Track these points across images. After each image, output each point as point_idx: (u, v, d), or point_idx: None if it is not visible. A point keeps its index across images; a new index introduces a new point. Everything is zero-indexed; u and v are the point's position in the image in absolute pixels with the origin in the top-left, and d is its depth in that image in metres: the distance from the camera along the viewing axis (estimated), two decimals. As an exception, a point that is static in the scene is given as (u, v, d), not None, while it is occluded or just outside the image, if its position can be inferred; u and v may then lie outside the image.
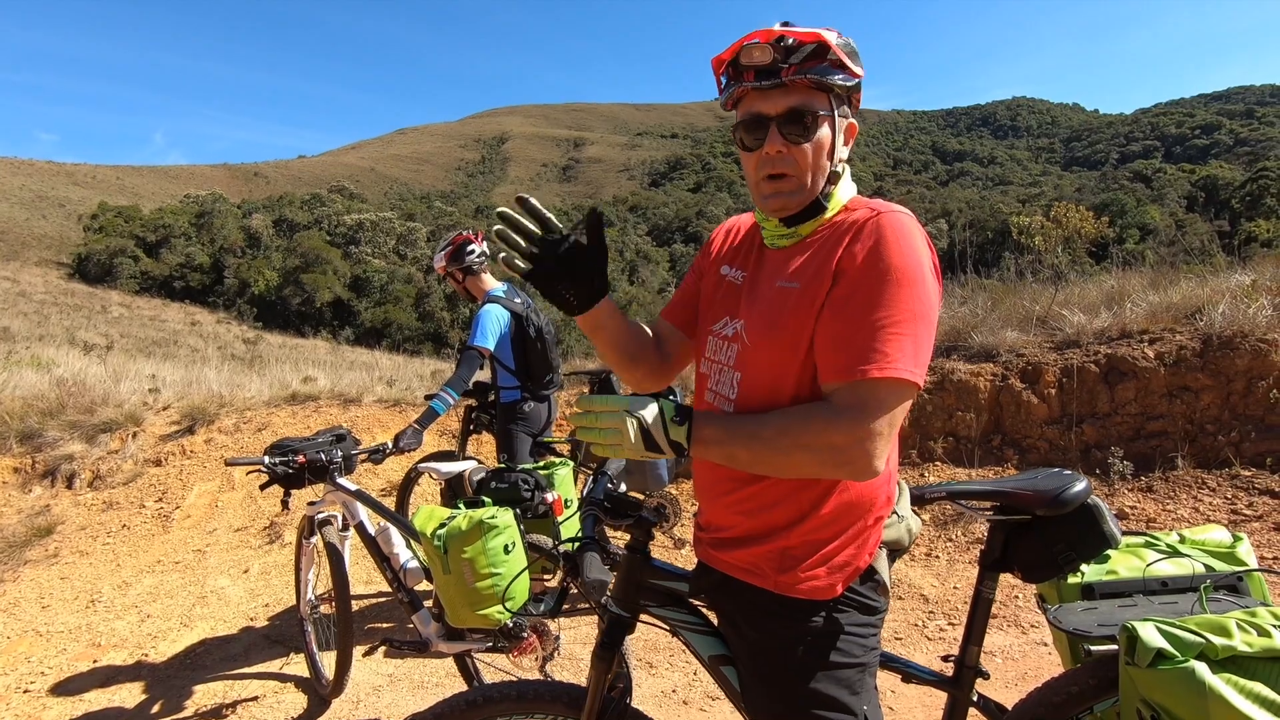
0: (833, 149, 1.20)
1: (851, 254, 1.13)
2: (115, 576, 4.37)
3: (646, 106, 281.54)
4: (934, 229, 55.21)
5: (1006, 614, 3.27)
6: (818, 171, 1.19)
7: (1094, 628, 1.33)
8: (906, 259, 1.09)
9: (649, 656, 3.12)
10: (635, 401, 1.14)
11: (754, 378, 1.23)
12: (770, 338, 1.19)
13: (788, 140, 1.16)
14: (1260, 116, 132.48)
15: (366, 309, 43.98)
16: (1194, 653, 1.10)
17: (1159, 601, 1.39)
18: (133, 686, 3.13)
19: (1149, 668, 1.12)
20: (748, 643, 1.26)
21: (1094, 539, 1.34)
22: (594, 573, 1.24)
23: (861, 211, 1.19)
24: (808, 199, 1.20)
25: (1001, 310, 5.39)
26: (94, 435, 5.83)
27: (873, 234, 1.13)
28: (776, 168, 1.18)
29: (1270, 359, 4.16)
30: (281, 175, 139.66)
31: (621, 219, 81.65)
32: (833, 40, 1.14)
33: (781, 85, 1.14)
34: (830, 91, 1.17)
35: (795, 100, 1.15)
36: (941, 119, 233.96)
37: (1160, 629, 1.14)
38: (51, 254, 50.03)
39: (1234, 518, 3.75)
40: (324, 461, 2.65)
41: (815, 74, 1.13)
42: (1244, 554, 1.47)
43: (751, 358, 1.23)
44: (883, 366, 1.06)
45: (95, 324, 27.93)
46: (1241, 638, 1.10)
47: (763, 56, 1.13)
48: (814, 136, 1.16)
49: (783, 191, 1.19)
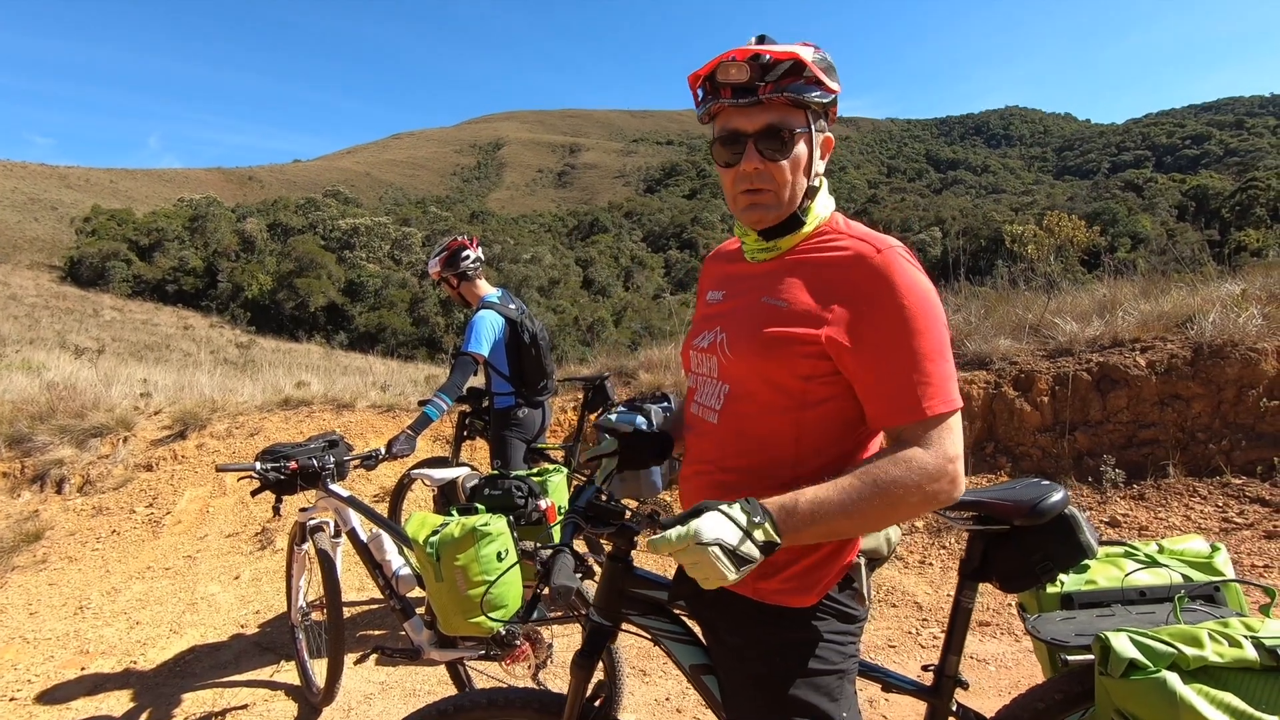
0: (809, 164, 1.22)
1: (864, 295, 1.14)
2: (104, 583, 4.33)
3: (642, 113, 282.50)
4: (928, 236, 55.55)
5: (1000, 622, 3.27)
6: (795, 187, 1.21)
7: (1071, 637, 1.35)
8: (925, 298, 1.13)
9: (643, 664, 3.11)
10: (706, 526, 1.04)
11: (738, 389, 1.25)
12: (753, 351, 1.21)
13: (765, 157, 1.18)
14: (1250, 127, 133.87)
15: (361, 314, 43.86)
16: (1166, 663, 1.11)
17: (1137, 611, 1.41)
18: (121, 694, 3.10)
19: (1122, 678, 1.13)
20: (727, 648, 1.27)
21: (1070, 549, 1.35)
22: (561, 578, 1.23)
23: (852, 242, 1.19)
24: (785, 213, 1.23)
25: (995, 318, 5.41)
26: (84, 440, 5.79)
27: (883, 275, 1.14)
28: (754, 183, 1.20)
29: (1260, 368, 4.19)
30: (276, 179, 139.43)
31: (617, 225, 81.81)
32: (808, 57, 1.15)
33: (759, 102, 1.15)
34: (807, 108, 1.18)
35: (772, 117, 1.17)
36: (935, 127, 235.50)
37: (1133, 639, 1.15)
38: (43, 257, 49.75)
39: (1225, 525, 3.77)
40: (316, 467, 2.64)
41: (791, 91, 1.15)
42: (1221, 564, 1.48)
43: (735, 370, 1.25)
44: (944, 400, 1.11)
45: (87, 327, 27.77)
46: (1213, 648, 1.11)
47: (739, 74, 1.14)
48: (791, 153, 1.18)
49: (760, 204, 1.21)
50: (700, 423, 1.33)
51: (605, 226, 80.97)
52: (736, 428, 1.26)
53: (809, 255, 1.23)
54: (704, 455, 1.32)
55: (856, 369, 1.14)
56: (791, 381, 1.19)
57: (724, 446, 1.28)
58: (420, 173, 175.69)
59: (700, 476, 1.32)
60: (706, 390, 1.32)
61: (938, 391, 1.10)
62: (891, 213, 71.92)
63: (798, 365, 1.18)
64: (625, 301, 50.95)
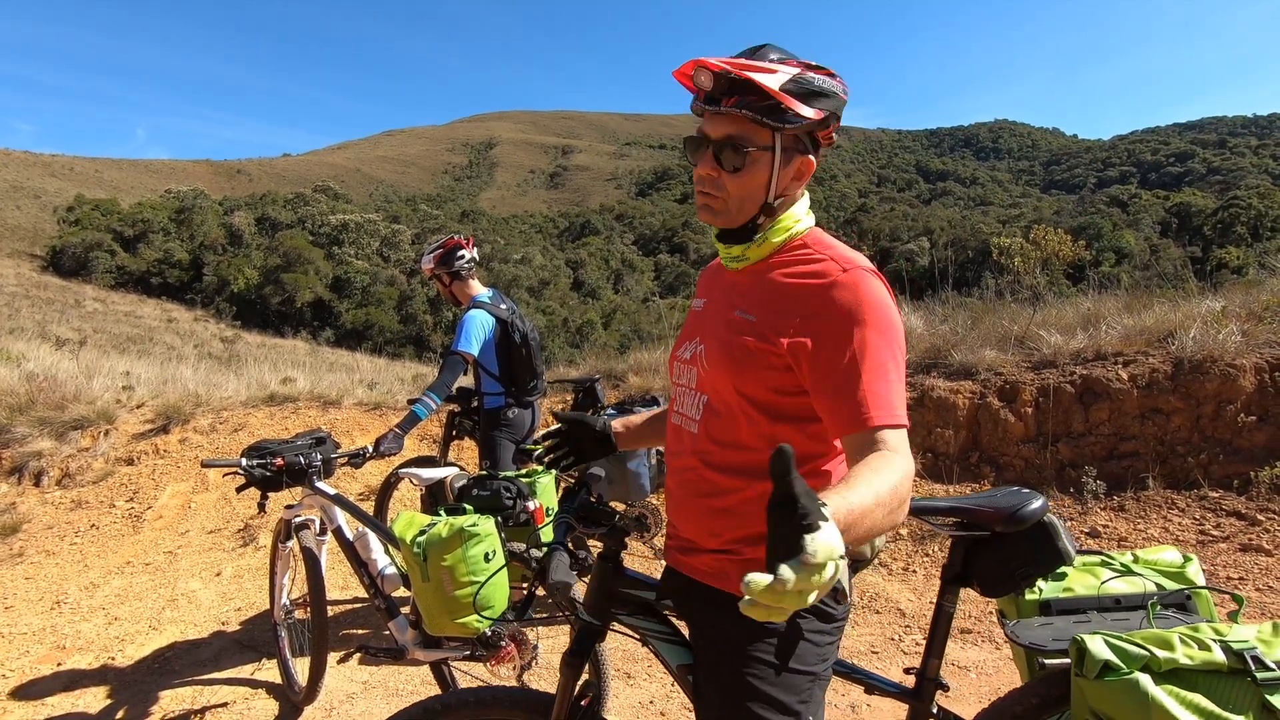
0: (770, 184, 1.21)
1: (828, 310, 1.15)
2: (82, 577, 4.27)
3: (635, 116, 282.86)
4: (916, 247, 56.00)
5: (981, 630, 3.30)
6: (745, 201, 1.23)
7: (1049, 642, 1.39)
8: (888, 315, 1.15)
9: (627, 667, 3.11)
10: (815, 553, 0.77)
11: (715, 400, 1.28)
12: (725, 363, 1.24)
13: (720, 165, 1.21)
14: (1232, 147, 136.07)
15: (348, 310, 43.54)
16: (1139, 665, 1.15)
17: (1112, 618, 1.45)
18: (98, 691, 3.06)
19: (1096, 679, 1.17)
20: (705, 639, 1.29)
21: (1049, 555, 1.39)
22: (559, 574, 1.27)
23: (823, 259, 1.21)
24: (733, 223, 1.26)
25: (981, 329, 5.47)
26: (64, 432, 5.71)
27: (849, 289, 1.15)
28: (704, 187, 1.24)
29: (1238, 383, 4.27)
30: (265, 173, 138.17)
31: (608, 227, 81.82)
32: (775, 84, 1.13)
33: (721, 113, 1.18)
34: (774, 130, 1.17)
35: (733, 129, 1.19)
36: (925, 139, 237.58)
37: (1108, 642, 1.19)
38: (25, 245, 48.96)
39: (1202, 538, 3.83)
40: (303, 465, 2.62)
41: (750, 110, 1.15)
42: (1193, 574, 1.52)
43: (711, 381, 1.28)
44: (903, 411, 1.11)
45: (68, 318, 27.35)
46: (1184, 651, 1.15)
47: (706, 83, 1.17)
48: (744, 168, 1.19)
49: (709, 208, 1.26)
50: (682, 433, 1.36)
51: (596, 229, 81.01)
52: (714, 438, 1.28)
53: (779, 269, 1.25)
54: (686, 465, 1.34)
55: (818, 378, 1.14)
56: (763, 394, 1.21)
57: (704, 457, 1.30)
58: (411, 170, 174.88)
59: (684, 487, 1.35)
60: (686, 401, 1.35)
61: (900, 402, 1.11)
62: (881, 222, 72.43)
63: (766, 377, 1.20)
64: (615, 304, 50.95)
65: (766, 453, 1.21)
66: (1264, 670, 1.11)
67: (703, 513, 1.31)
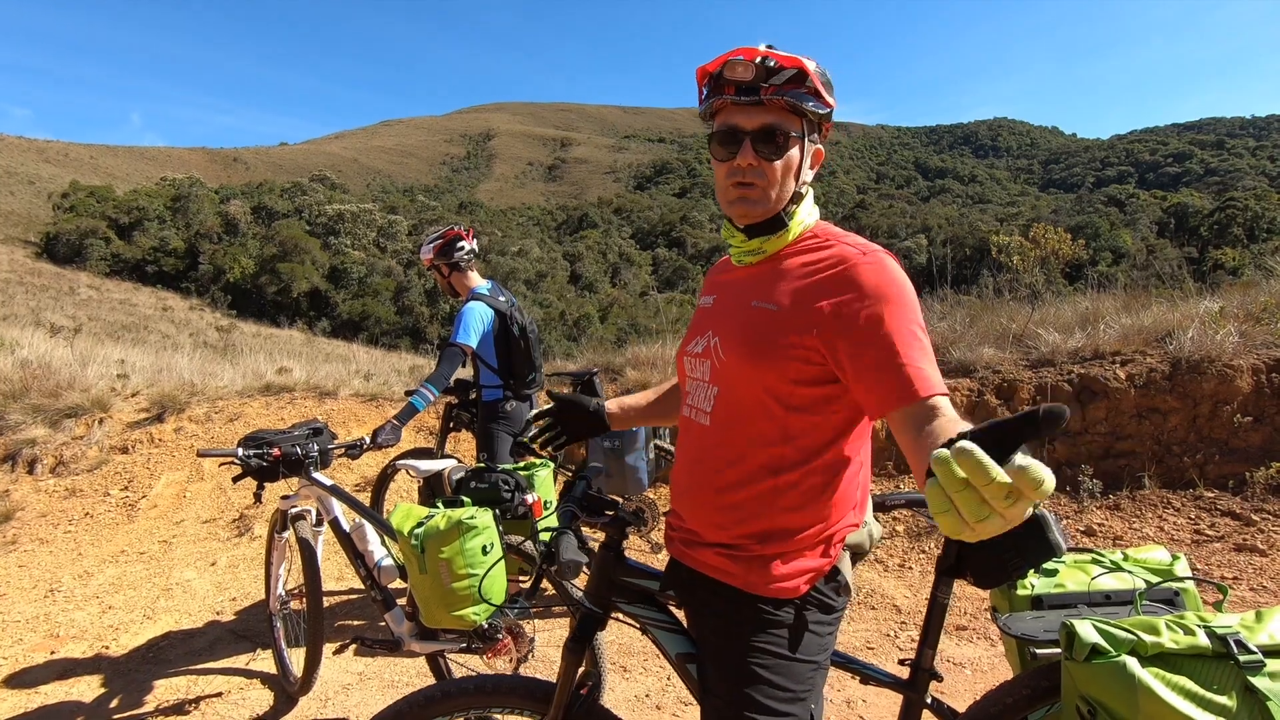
0: (799, 170, 1.27)
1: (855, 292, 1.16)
2: (76, 566, 4.25)
3: (635, 110, 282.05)
4: (914, 244, 56.00)
5: (977, 626, 3.31)
6: (783, 188, 1.26)
7: (1040, 633, 1.42)
8: (911, 294, 1.19)
9: (623, 660, 3.12)
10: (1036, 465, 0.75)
11: (729, 392, 1.28)
12: (745, 354, 1.24)
13: (760, 155, 1.23)
14: (1230, 148, 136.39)
15: (344, 301, 43.36)
16: (1126, 648, 1.19)
17: (1101, 612, 1.48)
18: (91, 679, 3.05)
19: (1085, 662, 1.21)
20: (709, 629, 1.31)
21: (1040, 547, 1.40)
22: (569, 554, 1.30)
23: (838, 246, 1.24)
24: (771, 211, 1.27)
25: (979, 327, 5.47)
26: (58, 420, 5.68)
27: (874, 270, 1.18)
28: (746, 178, 1.25)
29: (1235, 384, 4.28)
30: (262, 162, 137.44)
31: (606, 221, 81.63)
32: (811, 68, 1.20)
33: (759, 103, 1.20)
34: (804, 116, 1.24)
35: (771, 119, 1.22)
36: (924, 136, 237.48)
37: (1096, 626, 1.23)
38: (19, 232, 48.63)
39: (1197, 537, 3.85)
40: (300, 455, 2.62)
41: (792, 97, 1.20)
42: (1180, 572, 1.56)
43: (727, 373, 1.28)
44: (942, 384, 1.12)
45: (62, 305, 27.21)
46: (1169, 636, 1.19)
47: (745, 73, 1.19)
48: (784, 155, 1.24)
49: (748, 199, 1.26)
50: (692, 425, 1.37)
51: (594, 222, 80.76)
52: (727, 429, 1.29)
53: (796, 258, 1.27)
54: (696, 456, 1.35)
55: (856, 357, 1.14)
56: (781, 385, 1.22)
57: (715, 448, 1.31)
58: (409, 161, 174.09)
59: (692, 478, 1.36)
60: (698, 393, 1.36)
61: (938, 374, 1.13)
62: (879, 218, 72.40)
63: (787, 368, 1.20)
64: (612, 298, 50.87)
65: (779, 445, 1.24)
66: (1246, 654, 1.15)
67: (710, 505, 1.31)
